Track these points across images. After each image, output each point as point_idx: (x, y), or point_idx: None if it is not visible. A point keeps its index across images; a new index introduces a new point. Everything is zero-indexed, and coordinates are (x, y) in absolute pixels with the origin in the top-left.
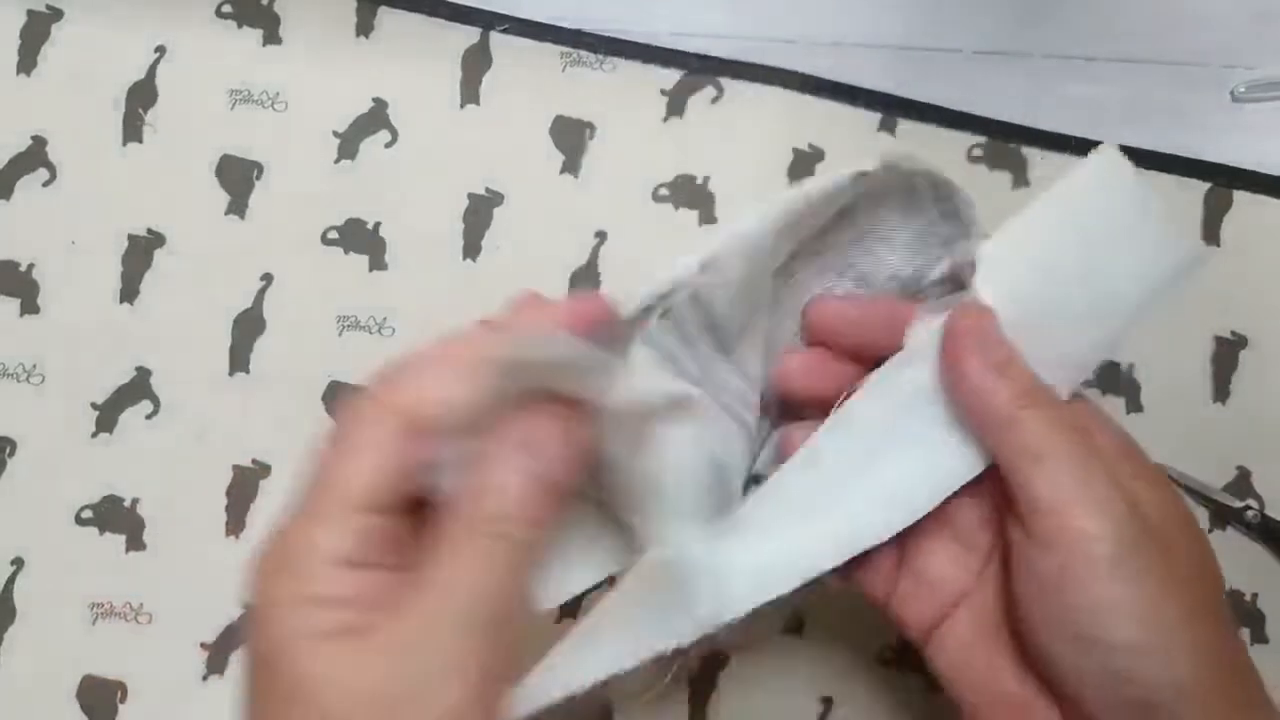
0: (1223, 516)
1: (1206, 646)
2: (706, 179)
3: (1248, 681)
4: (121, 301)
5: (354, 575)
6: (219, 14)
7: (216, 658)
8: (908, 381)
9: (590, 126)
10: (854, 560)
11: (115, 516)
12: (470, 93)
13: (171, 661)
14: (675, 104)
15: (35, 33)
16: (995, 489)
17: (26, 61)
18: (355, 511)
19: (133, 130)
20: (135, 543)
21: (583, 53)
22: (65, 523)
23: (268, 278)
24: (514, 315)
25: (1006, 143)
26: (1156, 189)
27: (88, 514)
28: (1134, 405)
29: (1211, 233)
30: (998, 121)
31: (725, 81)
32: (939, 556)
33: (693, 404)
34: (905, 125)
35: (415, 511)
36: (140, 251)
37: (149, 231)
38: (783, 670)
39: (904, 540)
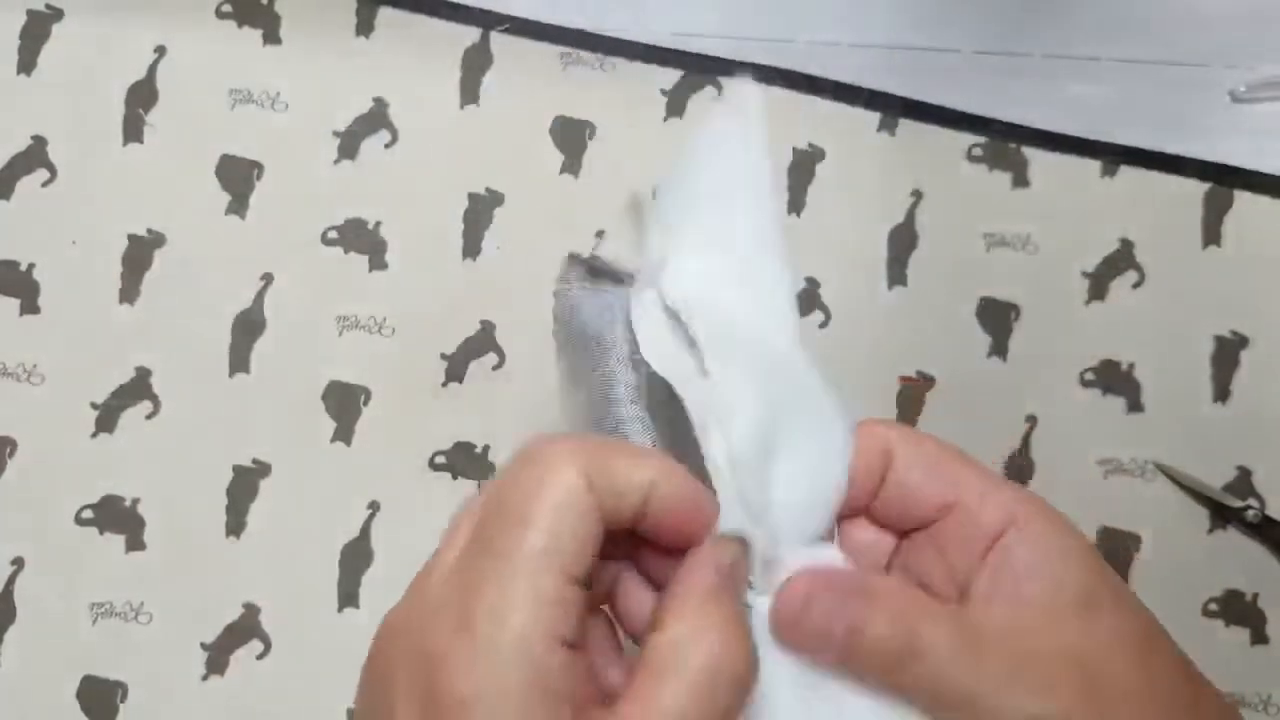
0: (1223, 516)
1: None
2: None
3: None
4: (121, 301)
5: (573, 663)
6: (219, 14)
7: (216, 658)
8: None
9: (590, 126)
10: None
11: (115, 516)
12: (470, 93)
13: (171, 661)
14: (675, 104)
15: (35, 33)
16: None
17: (26, 61)
18: (569, 581)
19: (133, 130)
20: (135, 543)
21: (583, 53)
22: (65, 523)
23: (268, 278)
24: None
25: (1006, 143)
26: (1156, 189)
27: (88, 514)
28: (1134, 405)
29: (1211, 233)
30: (998, 121)
31: (725, 81)
32: None
33: None
34: (905, 125)
35: None
36: (140, 251)
37: (149, 231)
38: None
39: None
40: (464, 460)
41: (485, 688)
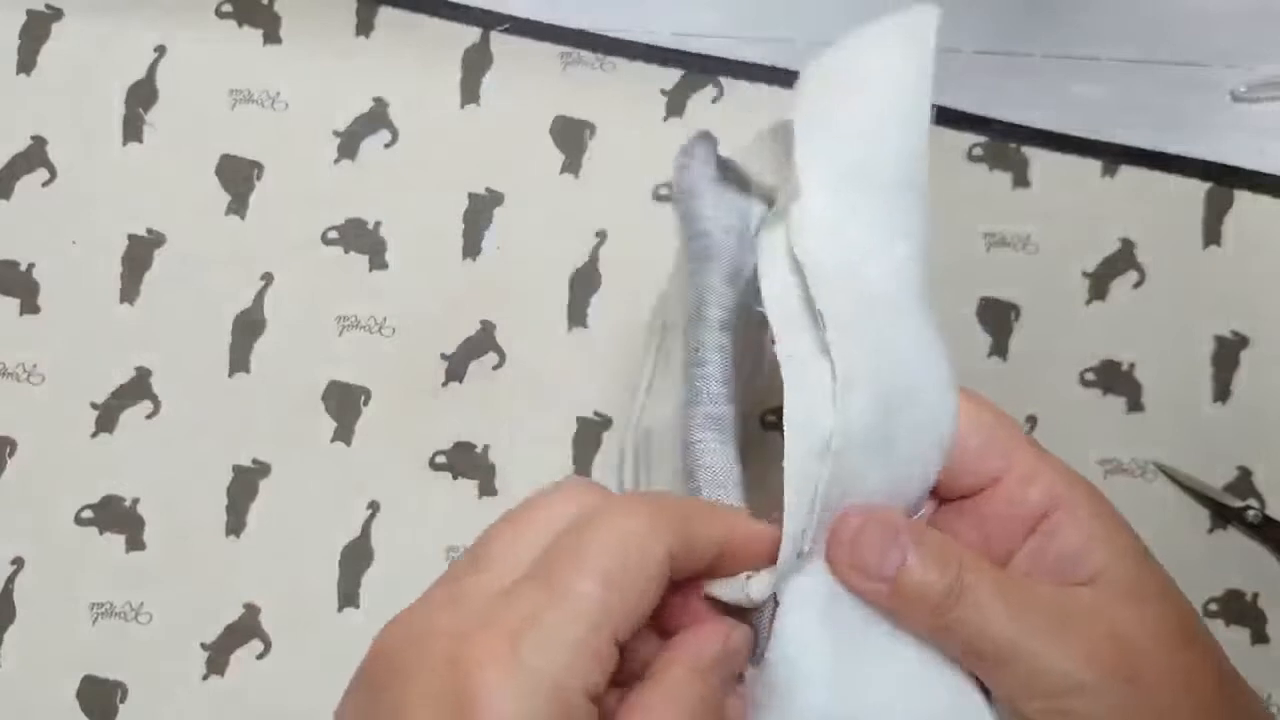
0: (1223, 516)
1: None
2: None
3: None
4: (121, 301)
5: (594, 714)
6: (219, 14)
7: (216, 658)
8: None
9: (590, 126)
10: None
11: (115, 516)
12: (470, 93)
13: (171, 661)
14: (675, 104)
15: (35, 32)
16: None
17: (26, 61)
18: (616, 640)
19: (133, 130)
20: (135, 543)
21: (583, 53)
22: (65, 523)
23: (268, 278)
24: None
25: (1006, 143)
26: (1157, 189)
27: (88, 514)
28: (1134, 405)
29: (1212, 233)
30: (998, 121)
31: (725, 81)
32: None
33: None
34: None
35: None
36: (140, 251)
37: (149, 231)
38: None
39: None
40: (464, 460)
41: (517, 716)
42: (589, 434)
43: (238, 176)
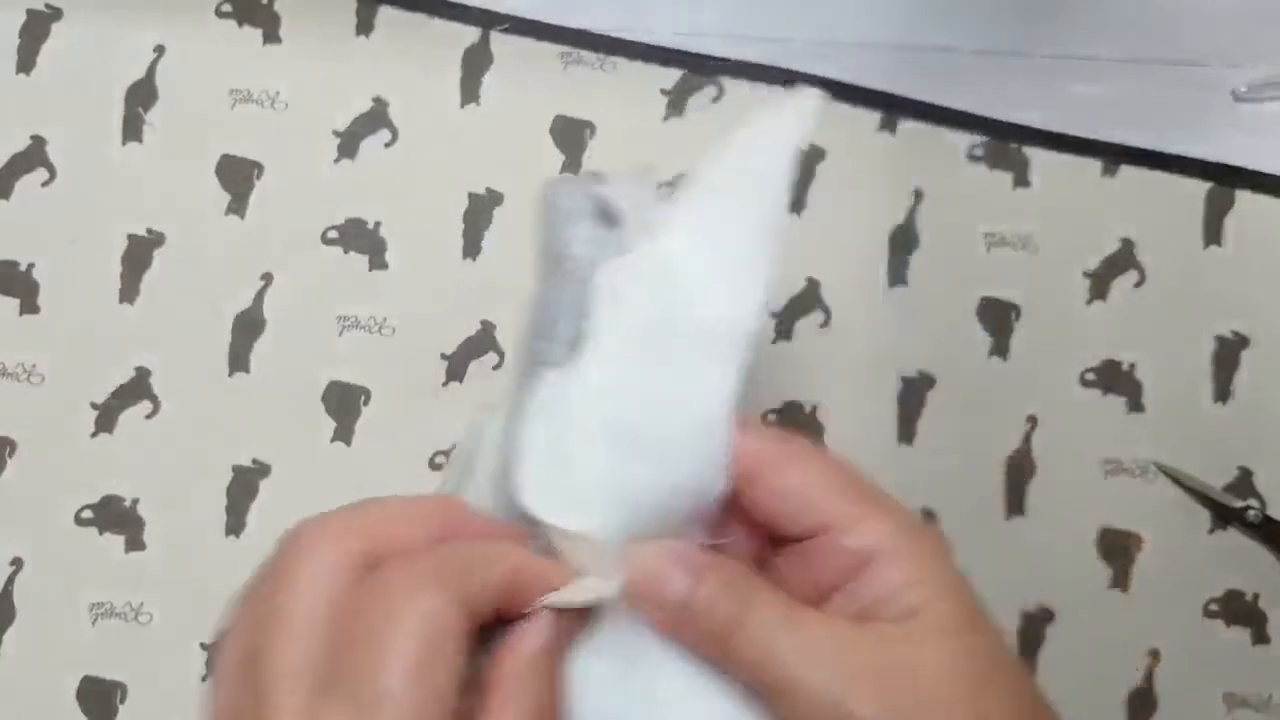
0: (1224, 516)
1: None
2: None
3: None
4: (121, 301)
5: None
6: (219, 14)
7: (216, 658)
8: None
9: (590, 126)
10: None
11: (115, 516)
12: (470, 93)
13: (171, 661)
14: (675, 104)
15: (35, 32)
16: None
17: (26, 61)
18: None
19: (133, 130)
20: (135, 543)
21: (583, 53)
22: (65, 523)
23: (268, 278)
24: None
25: (1006, 143)
26: (1157, 189)
27: (88, 514)
28: (1134, 405)
29: (1212, 233)
30: (998, 121)
31: (725, 81)
32: None
33: None
34: (905, 125)
35: None
36: (140, 251)
37: (149, 231)
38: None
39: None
40: None
41: None
42: None
43: (238, 176)
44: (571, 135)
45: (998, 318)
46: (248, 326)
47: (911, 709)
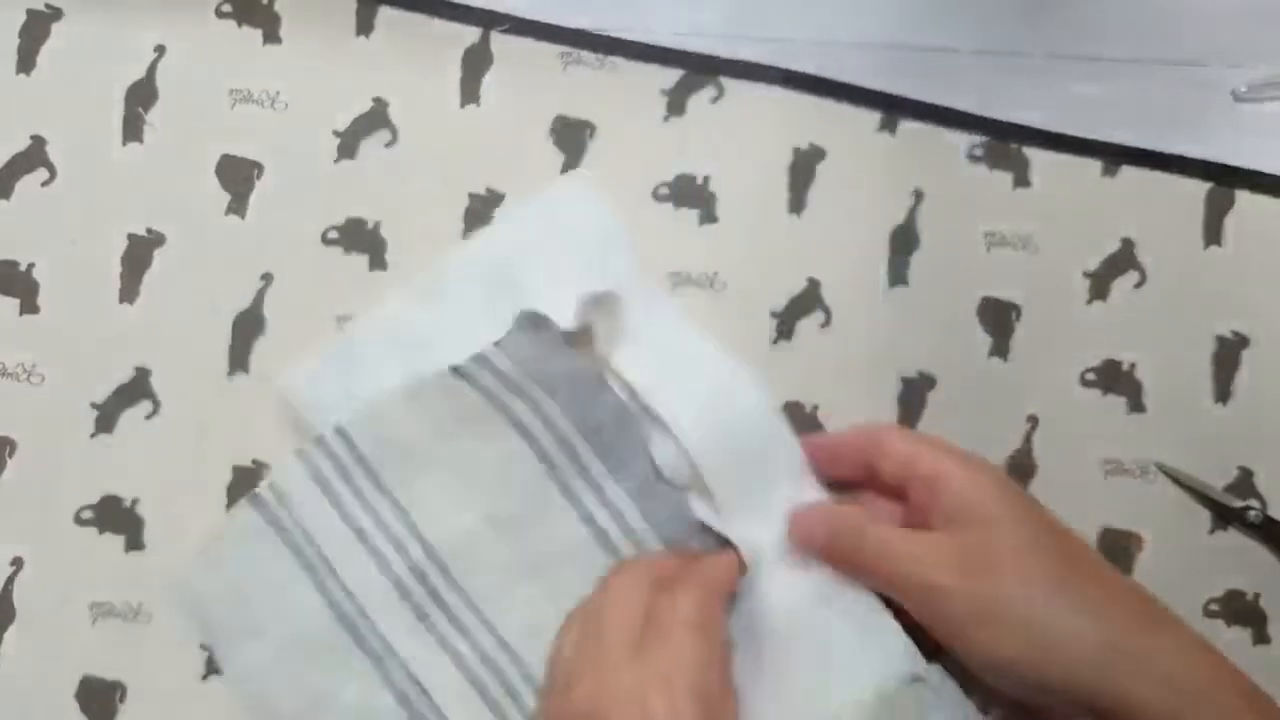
0: (1224, 517)
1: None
2: (707, 179)
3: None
4: (121, 301)
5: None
6: (219, 14)
7: (216, 658)
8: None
9: (590, 126)
10: None
11: (115, 516)
12: (470, 93)
13: (171, 661)
14: (675, 104)
15: (35, 32)
16: None
17: (26, 61)
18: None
19: (133, 130)
20: (135, 543)
21: (583, 53)
22: (65, 523)
23: (268, 278)
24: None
25: (1006, 143)
26: (1157, 189)
27: (88, 514)
28: (1135, 405)
29: (1212, 233)
30: (998, 121)
31: (725, 81)
32: None
33: None
34: (905, 125)
35: None
36: (140, 251)
37: (149, 231)
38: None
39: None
40: None
41: None
42: None
43: (238, 176)
44: (571, 135)
45: (998, 318)
46: (248, 326)
47: (981, 571)
